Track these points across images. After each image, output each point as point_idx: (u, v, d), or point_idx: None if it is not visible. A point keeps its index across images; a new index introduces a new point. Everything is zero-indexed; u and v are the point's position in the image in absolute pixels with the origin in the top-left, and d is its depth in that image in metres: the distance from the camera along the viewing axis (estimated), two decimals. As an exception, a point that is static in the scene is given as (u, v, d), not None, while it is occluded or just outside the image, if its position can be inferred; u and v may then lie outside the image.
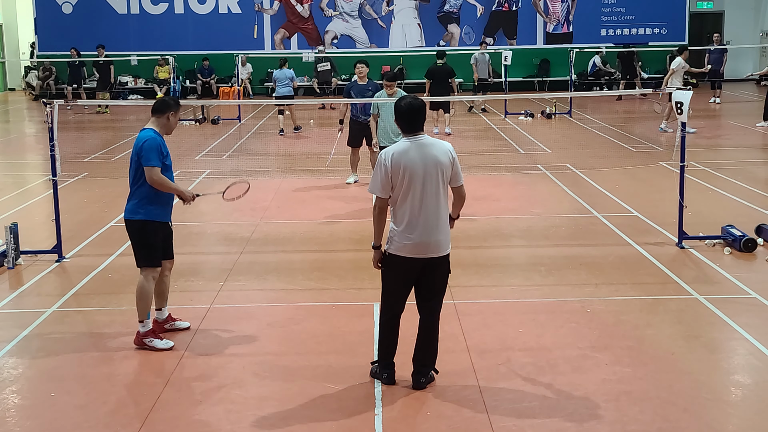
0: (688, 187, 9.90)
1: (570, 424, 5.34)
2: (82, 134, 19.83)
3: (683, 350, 6.52)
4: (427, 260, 5.70)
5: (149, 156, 6.65)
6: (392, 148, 5.74)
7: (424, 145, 5.69)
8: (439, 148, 5.73)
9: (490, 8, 29.27)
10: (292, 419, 5.50)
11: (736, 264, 8.72)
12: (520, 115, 21.54)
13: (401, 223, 5.69)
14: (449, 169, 5.71)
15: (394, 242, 5.73)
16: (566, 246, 9.59)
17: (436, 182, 5.66)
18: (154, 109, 6.83)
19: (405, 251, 5.68)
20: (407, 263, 5.70)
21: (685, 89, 9.25)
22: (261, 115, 23.31)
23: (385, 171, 5.64)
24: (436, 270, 5.77)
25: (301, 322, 7.32)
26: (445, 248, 5.77)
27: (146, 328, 6.69)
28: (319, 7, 29.15)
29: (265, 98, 26.71)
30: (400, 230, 5.69)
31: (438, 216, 5.69)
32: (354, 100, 12.25)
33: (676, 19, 29.22)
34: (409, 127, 5.73)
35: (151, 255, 6.72)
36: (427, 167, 5.64)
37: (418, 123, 5.73)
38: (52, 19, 28.71)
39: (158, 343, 6.63)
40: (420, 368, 5.87)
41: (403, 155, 5.64)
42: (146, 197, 6.75)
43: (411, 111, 5.71)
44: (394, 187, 5.68)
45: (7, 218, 10.51)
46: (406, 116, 5.72)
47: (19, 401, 5.89)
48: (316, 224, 10.74)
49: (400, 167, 5.62)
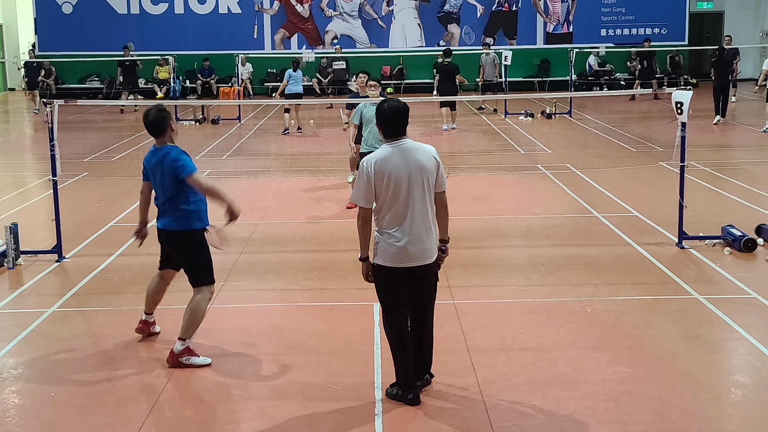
0: (688, 187, 9.90)
1: (570, 424, 5.34)
2: (82, 134, 19.83)
3: (683, 350, 6.52)
4: (415, 268, 5.52)
5: (186, 163, 6.31)
6: (374, 155, 5.51)
7: (407, 150, 5.48)
8: (423, 153, 5.52)
9: (490, 8, 29.28)
10: (292, 419, 5.50)
11: (736, 264, 8.72)
12: (520, 115, 21.55)
13: (386, 232, 5.48)
14: (434, 173, 5.52)
15: (380, 252, 5.52)
16: (566, 246, 9.59)
17: (422, 188, 5.46)
18: (155, 131, 6.44)
19: (392, 261, 5.48)
20: (395, 272, 5.51)
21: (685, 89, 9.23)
22: (261, 115, 23.31)
23: (368, 179, 5.43)
24: (424, 277, 5.60)
25: (301, 322, 7.32)
26: (433, 255, 5.58)
27: (184, 346, 6.32)
28: (319, 7, 29.15)
29: (265, 98, 26.72)
30: (385, 239, 5.48)
31: (424, 222, 5.49)
32: (350, 100, 12.21)
33: (676, 19, 29.23)
34: (391, 131, 5.50)
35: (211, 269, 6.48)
36: (412, 173, 5.43)
37: (402, 127, 5.51)
38: (52, 19, 28.73)
39: (197, 360, 6.30)
40: (415, 374, 5.72)
41: (387, 162, 5.43)
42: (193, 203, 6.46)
43: (396, 114, 5.48)
44: (378, 195, 5.48)
45: (7, 218, 10.51)
46: (389, 120, 5.49)
47: (19, 401, 5.89)
48: (316, 224, 10.74)
49: (384, 174, 5.41)
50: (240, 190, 12.87)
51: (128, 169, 14.94)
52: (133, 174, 14.39)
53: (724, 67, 19.67)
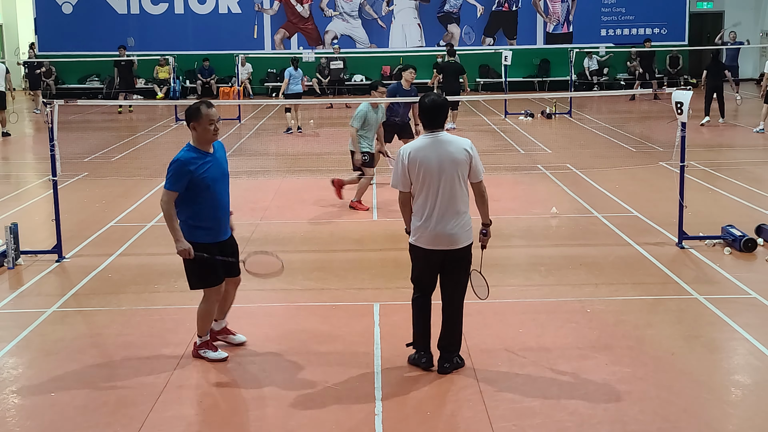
0: (688, 187, 9.90)
1: (570, 424, 5.34)
2: (82, 134, 19.83)
3: (683, 350, 6.52)
4: (446, 252, 5.93)
5: (167, 177, 6.12)
6: (410, 144, 6.01)
7: (441, 142, 5.92)
8: (456, 146, 5.95)
9: (490, 8, 29.29)
10: (292, 419, 5.50)
11: (736, 264, 8.72)
12: (520, 115, 21.55)
13: (419, 217, 5.95)
14: (466, 166, 5.91)
15: (415, 234, 6.00)
16: (566, 246, 9.59)
17: (452, 178, 5.86)
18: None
19: (423, 242, 5.95)
20: (427, 254, 5.96)
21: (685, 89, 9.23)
22: (261, 115, 23.31)
23: (403, 167, 5.93)
24: (456, 261, 6.00)
25: (301, 322, 7.32)
26: (463, 241, 5.97)
27: (202, 341, 6.47)
28: (319, 7, 29.16)
29: (265, 98, 26.73)
30: (418, 223, 5.96)
31: (453, 210, 5.88)
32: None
33: (676, 19, 29.25)
34: (429, 123, 5.98)
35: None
36: (443, 164, 5.85)
37: (439, 120, 5.99)
38: (52, 19, 28.75)
39: (211, 354, 6.39)
40: (445, 354, 6.10)
41: (419, 152, 5.89)
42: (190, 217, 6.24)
43: (434, 107, 5.96)
44: (412, 182, 5.94)
45: (7, 218, 10.52)
46: (428, 112, 5.97)
47: (19, 401, 5.88)
48: (316, 224, 10.74)
49: (416, 163, 5.87)
50: (240, 190, 12.87)
51: (128, 169, 14.95)
52: (133, 174, 14.41)
53: (719, 68, 19.65)
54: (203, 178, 6.11)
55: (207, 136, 6.18)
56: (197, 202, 6.15)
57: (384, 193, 12.21)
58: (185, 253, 6.13)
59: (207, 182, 6.13)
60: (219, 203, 6.27)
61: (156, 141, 18.80)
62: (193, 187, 6.08)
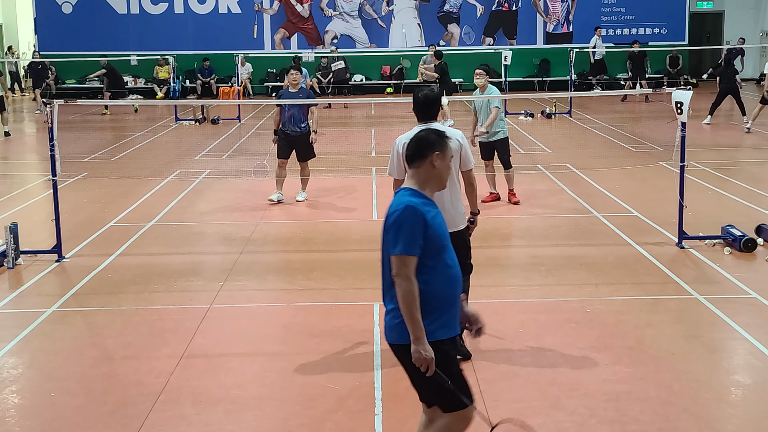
0: (688, 187, 9.90)
1: (570, 424, 5.34)
2: (82, 134, 19.83)
3: (683, 350, 6.51)
4: None
5: (397, 237, 4.13)
6: (405, 135, 6.16)
7: None
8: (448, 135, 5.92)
9: (490, 8, 29.28)
10: (292, 419, 5.50)
11: (736, 264, 8.71)
12: (520, 115, 21.54)
13: None
14: (457, 155, 6.06)
15: None
16: (566, 246, 9.58)
17: None
18: (407, 157, 4.43)
19: None
20: None
21: (685, 89, 9.23)
22: (261, 115, 23.29)
23: (397, 155, 6.17)
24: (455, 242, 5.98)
25: (301, 322, 7.32)
26: (457, 224, 6.13)
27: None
28: (319, 7, 29.16)
29: (265, 98, 26.72)
30: None
31: (449, 195, 6.03)
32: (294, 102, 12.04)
33: (676, 19, 29.25)
34: (422, 115, 6.26)
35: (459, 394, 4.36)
36: None
37: (431, 111, 6.26)
38: (52, 19, 28.73)
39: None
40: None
41: None
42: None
43: (426, 101, 6.25)
44: (406, 169, 5.89)
45: (7, 218, 10.51)
46: (421, 105, 6.25)
47: (19, 401, 5.88)
48: (316, 224, 10.74)
49: None
50: (240, 190, 12.88)
51: (128, 169, 14.94)
52: (133, 174, 14.40)
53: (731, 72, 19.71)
54: (438, 237, 4.25)
55: (444, 178, 4.41)
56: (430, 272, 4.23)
57: (384, 193, 12.20)
58: (426, 364, 4.22)
59: (442, 241, 4.28)
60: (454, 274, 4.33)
61: (156, 141, 18.79)
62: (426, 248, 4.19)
